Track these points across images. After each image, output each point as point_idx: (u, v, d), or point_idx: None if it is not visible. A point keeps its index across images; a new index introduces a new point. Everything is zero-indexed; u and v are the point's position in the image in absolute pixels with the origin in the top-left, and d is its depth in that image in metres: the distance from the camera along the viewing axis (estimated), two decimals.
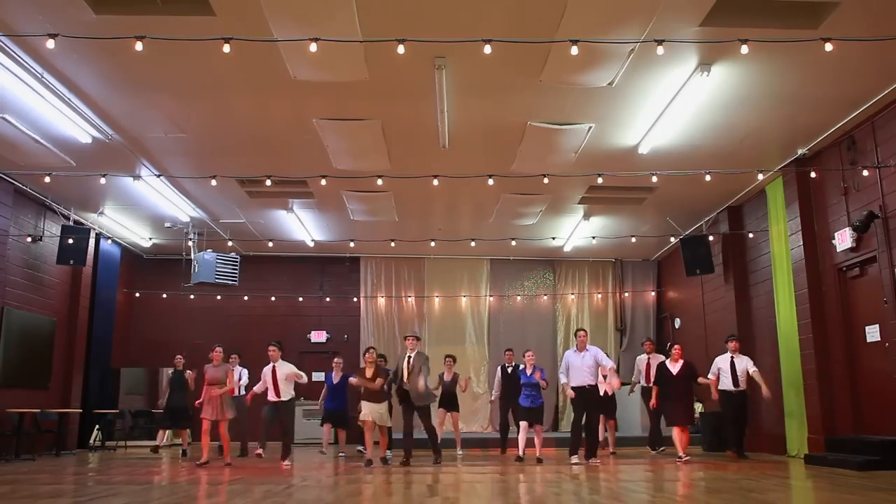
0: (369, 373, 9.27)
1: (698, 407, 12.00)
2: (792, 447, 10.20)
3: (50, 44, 6.23)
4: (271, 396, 9.17)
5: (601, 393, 10.92)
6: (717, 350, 12.53)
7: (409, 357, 9.41)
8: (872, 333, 8.72)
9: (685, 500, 5.59)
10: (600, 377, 9.92)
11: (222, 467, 9.07)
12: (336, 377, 10.99)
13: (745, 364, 9.82)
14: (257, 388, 9.43)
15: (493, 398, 11.58)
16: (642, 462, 9.58)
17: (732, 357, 9.85)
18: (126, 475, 7.94)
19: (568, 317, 16.21)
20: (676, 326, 15.27)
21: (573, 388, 9.18)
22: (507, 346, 12.78)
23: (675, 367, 9.71)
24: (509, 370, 11.20)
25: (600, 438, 11.25)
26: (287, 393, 9.18)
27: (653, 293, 16.34)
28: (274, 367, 9.20)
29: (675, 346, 10.03)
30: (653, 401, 9.89)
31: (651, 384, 10.65)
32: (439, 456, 9.55)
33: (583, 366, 9.13)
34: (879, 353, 8.57)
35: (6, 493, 6.19)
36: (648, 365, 11.17)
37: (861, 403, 9.04)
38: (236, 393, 10.63)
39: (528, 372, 9.70)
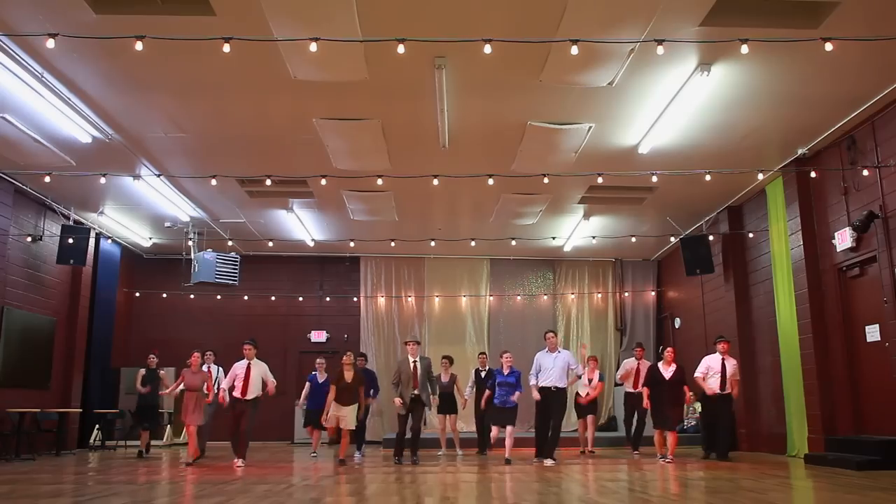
0: (348, 377, 9.23)
1: (698, 407, 11.98)
2: (792, 447, 10.20)
3: (50, 43, 6.23)
4: (237, 393, 9.14)
5: (583, 395, 11.05)
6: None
7: (415, 362, 9.44)
8: (872, 333, 8.72)
9: (685, 499, 5.59)
10: (579, 380, 10.50)
11: (187, 467, 9.05)
12: (320, 377, 11.04)
13: (733, 366, 9.74)
14: (225, 384, 9.40)
15: (465, 398, 11.54)
16: (633, 462, 9.55)
17: (723, 359, 9.78)
18: (126, 475, 7.94)
19: (568, 317, 16.20)
20: (676, 326, 15.27)
21: (542, 389, 9.22)
22: (507, 346, 12.75)
23: (667, 372, 9.59)
24: (482, 374, 11.21)
25: (582, 436, 11.39)
26: (256, 392, 9.19)
27: (653, 293, 16.34)
28: (249, 364, 9.21)
29: (668, 350, 9.82)
30: (645, 402, 9.84)
31: (639, 389, 10.62)
32: (416, 457, 9.46)
33: (554, 367, 9.18)
34: (879, 353, 8.57)
35: (6, 493, 6.19)
36: (638, 370, 10.99)
37: (861, 403, 9.05)
38: (214, 392, 10.67)
39: (505, 372, 9.66)
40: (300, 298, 15.86)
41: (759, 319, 11.58)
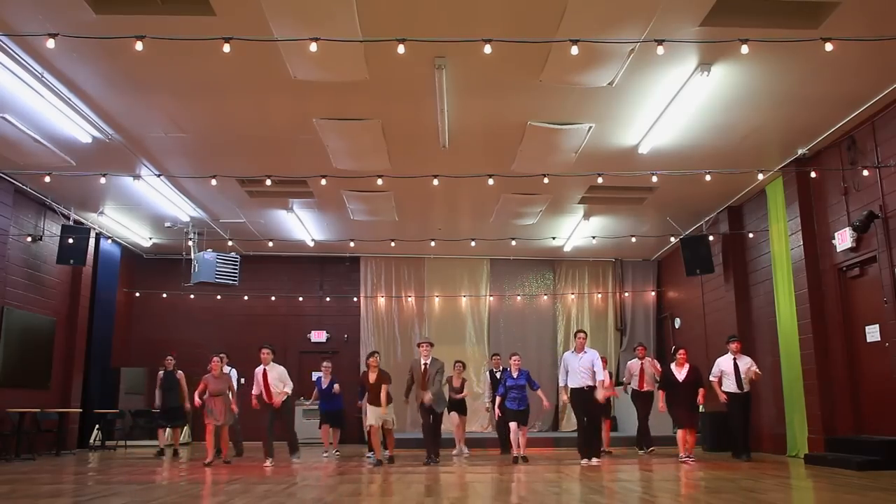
0: (372, 377, 9.28)
1: (700, 407, 11.97)
2: (792, 447, 10.20)
3: (50, 43, 6.23)
4: (267, 399, 9.29)
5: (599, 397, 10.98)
6: (717, 350, 12.53)
7: (425, 364, 9.46)
8: (872, 333, 8.72)
9: (685, 499, 5.59)
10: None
11: (222, 466, 9.17)
12: (325, 381, 11.04)
13: (747, 364, 9.71)
14: (255, 392, 9.48)
15: (487, 405, 11.54)
16: (635, 462, 9.56)
17: (735, 358, 9.78)
18: (126, 475, 7.94)
19: (568, 317, 16.20)
20: (676, 326, 15.27)
21: (572, 390, 9.17)
22: (507, 346, 12.79)
23: (680, 373, 9.58)
24: (497, 374, 11.24)
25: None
26: (279, 395, 9.29)
27: (653, 293, 16.33)
28: (265, 369, 9.29)
29: (680, 351, 9.83)
30: (661, 405, 9.84)
31: (644, 388, 10.67)
32: (435, 457, 9.49)
33: (580, 367, 9.10)
34: (879, 353, 8.57)
35: (6, 493, 6.19)
36: (642, 370, 11.09)
37: (861, 403, 9.05)
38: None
39: (515, 375, 9.67)
40: (300, 298, 15.86)
41: (759, 319, 11.58)
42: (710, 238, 12.26)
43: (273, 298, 15.69)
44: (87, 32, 6.44)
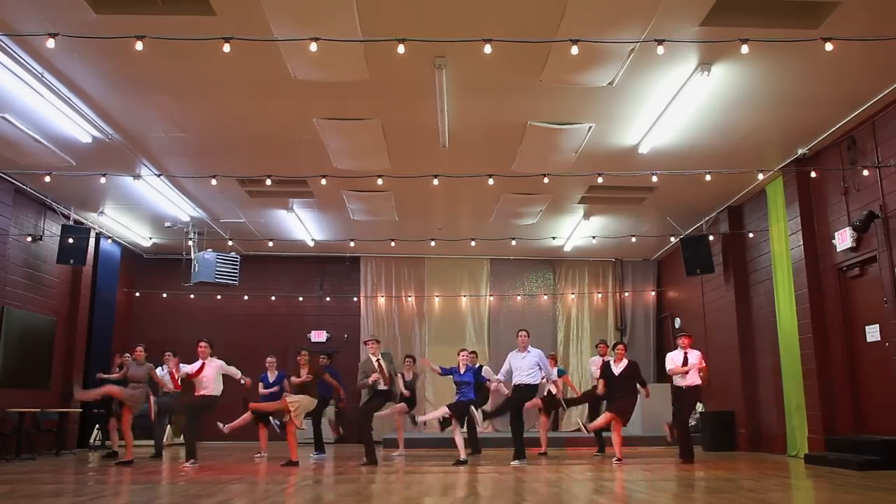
0: (302, 373, 9.22)
1: (699, 406, 11.98)
2: (792, 447, 10.20)
3: (50, 43, 6.24)
4: (198, 391, 9.09)
5: (546, 392, 10.84)
6: (717, 350, 12.57)
7: (378, 360, 9.43)
8: (872, 333, 8.72)
9: (685, 500, 5.59)
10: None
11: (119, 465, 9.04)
12: (271, 376, 10.89)
13: (696, 358, 9.41)
14: (186, 369, 9.18)
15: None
16: (632, 463, 9.52)
17: (686, 353, 9.53)
18: (126, 475, 7.93)
19: (568, 316, 16.20)
20: (676, 326, 15.26)
21: (515, 385, 9.33)
22: (507, 346, 12.67)
23: (617, 368, 9.54)
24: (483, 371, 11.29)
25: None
26: (216, 389, 9.11)
27: (653, 293, 16.33)
28: (203, 363, 9.11)
29: (619, 346, 9.87)
30: (600, 388, 9.85)
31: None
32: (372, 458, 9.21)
33: (523, 365, 9.28)
34: (879, 353, 8.57)
35: (6, 493, 6.19)
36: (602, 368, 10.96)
37: (861, 403, 9.05)
38: (169, 389, 10.64)
39: (462, 371, 9.42)
40: (300, 298, 15.86)
41: (759, 319, 11.58)
42: (710, 238, 12.27)
43: (273, 298, 15.68)
44: (87, 32, 6.44)
